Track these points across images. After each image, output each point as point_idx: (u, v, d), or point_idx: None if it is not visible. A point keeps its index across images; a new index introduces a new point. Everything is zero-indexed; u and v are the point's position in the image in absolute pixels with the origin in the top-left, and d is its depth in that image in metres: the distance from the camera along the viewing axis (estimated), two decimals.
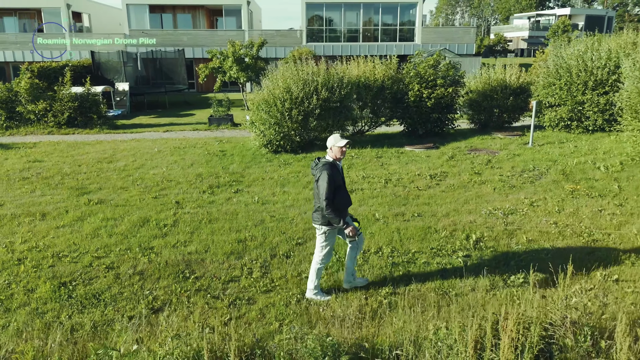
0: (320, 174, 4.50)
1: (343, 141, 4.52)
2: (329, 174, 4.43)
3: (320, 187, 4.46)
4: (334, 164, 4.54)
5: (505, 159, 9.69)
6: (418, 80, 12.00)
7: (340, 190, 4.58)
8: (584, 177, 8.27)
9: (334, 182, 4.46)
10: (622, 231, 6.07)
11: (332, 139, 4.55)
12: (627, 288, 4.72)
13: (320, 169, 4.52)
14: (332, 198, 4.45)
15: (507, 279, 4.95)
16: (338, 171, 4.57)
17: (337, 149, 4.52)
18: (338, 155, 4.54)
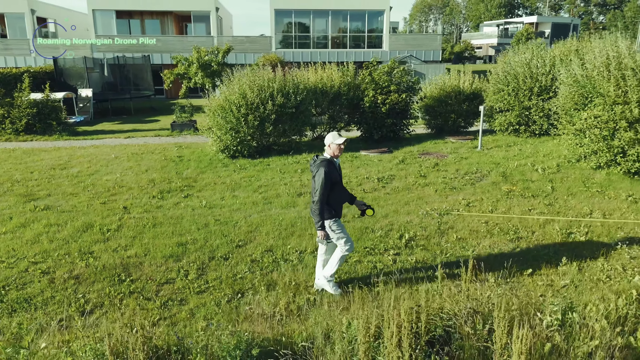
0: (317, 171, 4.65)
1: (341, 139, 4.69)
2: (326, 171, 4.59)
3: (317, 182, 4.62)
4: (331, 161, 4.72)
5: (452, 162, 10.05)
6: (373, 86, 12.32)
7: (337, 186, 4.76)
8: (522, 178, 8.67)
9: (331, 179, 4.63)
10: (545, 229, 6.42)
11: (330, 137, 4.70)
12: (540, 281, 5.03)
13: (318, 166, 4.68)
14: (327, 195, 4.62)
15: (432, 275, 5.21)
16: (335, 168, 4.75)
17: (335, 146, 4.69)
18: (336, 153, 4.72)
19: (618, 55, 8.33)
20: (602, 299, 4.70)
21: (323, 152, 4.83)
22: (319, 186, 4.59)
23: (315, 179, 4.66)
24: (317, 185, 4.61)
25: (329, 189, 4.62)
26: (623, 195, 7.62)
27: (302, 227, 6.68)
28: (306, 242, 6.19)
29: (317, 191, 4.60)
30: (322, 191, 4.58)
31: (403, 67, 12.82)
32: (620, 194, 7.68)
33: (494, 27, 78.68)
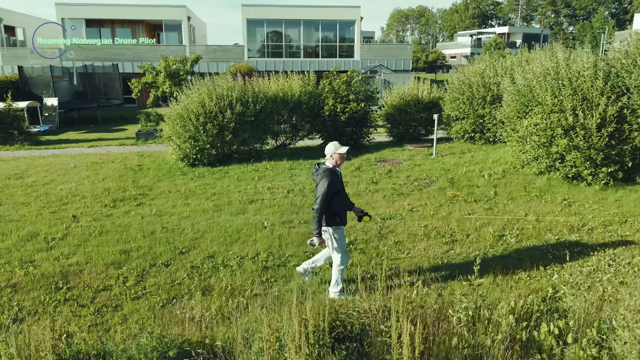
0: (321, 180, 4.75)
1: (344, 148, 4.85)
2: (330, 180, 4.70)
3: (319, 190, 4.72)
4: (333, 170, 4.83)
5: (405, 169, 10.34)
6: (333, 95, 12.58)
7: (340, 194, 4.88)
8: (468, 184, 8.99)
9: (334, 187, 4.75)
10: (480, 232, 6.71)
11: (333, 147, 4.83)
12: (465, 281, 5.28)
13: (321, 175, 4.78)
14: (327, 203, 4.72)
15: (365, 277, 5.41)
16: (337, 177, 4.86)
17: (337, 155, 4.82)
18: (338, 162, 4.86)
19: (556, 65, 8.76)
20: (520, 296, 4.97)
21: (324, 160, 4.98)
22: (321, 194, 4.68)
23: (318, 188, 4.76)
24: (319, 194, 4.71)
25: (329, 198, 4.73)
26: (559, 199, 7.99)
27: (247, 233, 6.82)
28: (249, 247, 6.33)
29: (318, 199, 4.70)
30: (323, 199, 4.68)
31: (361, 76, 13.13)
32: (557, 198, 8.05)
33: (468, 37, 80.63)
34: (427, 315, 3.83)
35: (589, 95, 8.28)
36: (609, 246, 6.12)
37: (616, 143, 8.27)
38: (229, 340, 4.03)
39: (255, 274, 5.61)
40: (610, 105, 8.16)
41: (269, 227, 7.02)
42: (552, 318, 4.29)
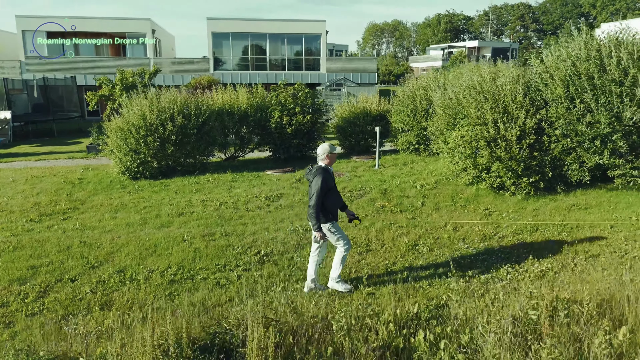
0: (314, 178, 5.07)
1: (336, 148, 5.31)
2: (323, 178, 5.03)
3: (313, 187, 5.02)
4: (326, 168, 5.18)
5: (344, 181, 10.47)
6: (280, 108, 12.69)
7: (333, 191, 5.20)
8: (400, 194, 9.16)
9: (327, 185, 5.07)
10: (396, 241, 6.84)
11: (327, 147, 5.18)
12: (364, 289, 5.37)
13: (314, 173, 5.10)
14: (322, 199, 5.03)
15: (269, 289, 5.45)
16: (330, 175, 5.19)
17: (332, 155, 5.23)
18: (333, 161, 5.26)
19: (480, 80, 9.06)
20: (414, 304, 5.07)
21: (316, 162, 5.33)
22: (315, 191, 4.99)
23: (312, 185, 5.06)
24: (314, 191, 5.01)
25: (324, 194, 5.04)
26: (481, 209, 8.21)
27: (164, 246, 6.80)
28: (162, 261, 6.31)
29: (313, 196, 5.00)
30: (317, 196, 4.98)
31: (308, 89, 13.30)
32: (480, 208, 8.27)
33: (439, 50, 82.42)
34: (294, 324, 3.89)
35: (510, 109, 8.58)
36: (514, 254, 6.31)
37: (537, 154, 8.56)
38: (102, 354, 4.01)
39: (160, 287, 5.60)
40: (529, 117, 8.47)
41: (189, 240, 7.02)
42: (432, 325, 4.40)
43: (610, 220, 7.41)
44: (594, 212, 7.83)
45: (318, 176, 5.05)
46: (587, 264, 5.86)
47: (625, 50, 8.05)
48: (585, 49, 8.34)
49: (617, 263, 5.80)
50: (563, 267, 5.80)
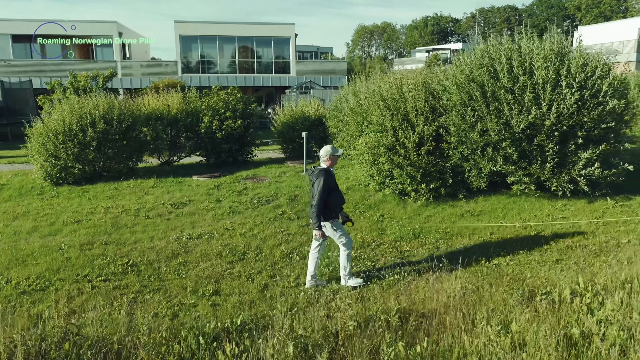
0: (317, 179, 5.33)
1: (339, 150, 5.55)
2: (325, 179, 5.30)
3: (316, 188, 5.27)
4: (328, 170, 5.45)
5: (262, 187, 10.45)
6: (211, 113, 12.66)
7: (335, 192, 5.45)
8: (306, 201, 9.14)
9: (329, 186, 5.32)
10: (273, 250, 6.82)
11: (330, 149, 5.42)
12: (208, 300, 5.35)
13: (317, 175, 5.36)
14: (324, 199, 5.26)
15: (115, 300, 5.42)
16: (332, 176, 5.46)
17: (335, 157, 5.48)
18: (334, 163, 5.53)
19: (379, 87, 9.09)
20: (238, 316, 5.05)
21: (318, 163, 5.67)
22: (318, 192, 5.24)
23: (315, 186, 5.30)
24: (316, 191, 5.25)
25: (326, 195, 5.26)
26: (377, 215, 8.22)
27: (36, 256, 6.74)
28: (27, 271, 6.25)
29: (315, 196, 5.25)
30: (319, 196, 5.23)
31: (240, 94, 13.28)
32: (377, 214, 8.28)
33: (424, 52, 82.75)
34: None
35: (410, 115, 8.61)
36: (380, 261, 6.32)
37: (436, 161, 8.59)
38: None
39: (5, 299, 5.54)
40: (428, 125, 8.50)
41: (64, 249, 6.96)
42: (243, 337, 4.37)
43: (493, 227, 7.45)
44: (484, 219, 7.87)
45: (320, 177, 5.30)
46: (446, 272, 5.88)
47: (518, 57, 8.11)
48: (479, 57, 8.40)
49: (471, 273, 5.82)
50: (418, 276, 5.81)
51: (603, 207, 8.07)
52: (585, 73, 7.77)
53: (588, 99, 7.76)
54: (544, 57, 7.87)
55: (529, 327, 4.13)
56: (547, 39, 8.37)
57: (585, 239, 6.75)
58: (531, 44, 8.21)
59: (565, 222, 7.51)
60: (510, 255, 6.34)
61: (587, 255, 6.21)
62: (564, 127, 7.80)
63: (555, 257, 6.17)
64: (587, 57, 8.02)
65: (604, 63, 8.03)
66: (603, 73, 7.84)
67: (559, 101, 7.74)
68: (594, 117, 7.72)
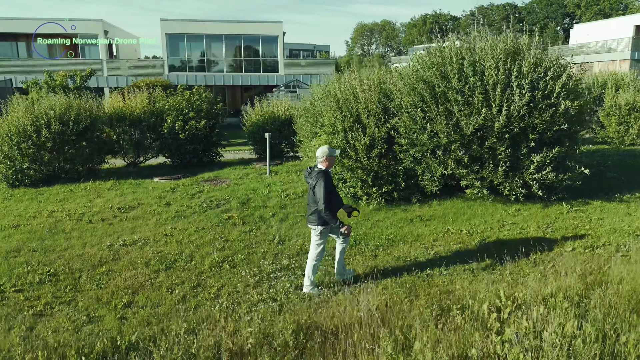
0: (316, 182, 5.14)
1: (336, 151, 5.40)
2: (325, 181, 5.12)
3: (317, 192, 5.11)
4: (326, 171, 5.26)
5: (220, 189, 10.18)
6: (175, 113, 12.40)
7: (333, 193, 5.28)
8: (260, 204, 8.88)
9: (329, 188, 5.12)
10: (205, 258, 6.57)
11: (326, 150, 5.23)
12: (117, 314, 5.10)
13: (315, 177, 5.17)
14: (329, 201, 5.10)
15: None
16: (330, 178, 5.28)
17: (332, 158, 5.31)
18: (332, 164, 5.38)
19: (333, 88, 8.81)
20: (132, 333, 4.79)
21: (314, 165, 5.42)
22: (322, 195, 5.07)
23: (316, 190, 5.14)
24: (320, 195, 5.09)
25: (328, 195, 5.12)
26: None
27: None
28: None
29: (321, 200, 5.08)
30: (325, 198, 5.07)
31: (205, 94, 13.02)
32: None
33: (421, 50, 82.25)
34: None
35: (362, 117, 8.34)
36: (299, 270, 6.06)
37: (389, 163, 8.32)
38: None
39: None
40: (379, 126, 8.23)
41: None
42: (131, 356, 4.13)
43: (438, 234, 7.18)
44: (433, 225, 7.59)
45: (320, 180, 5.12)
46: (373, 282, 5.61)
47: (470, 57, 7.83)
48: (429, 57, 8.13)
49: (400, 284, 5.55)
50: (345, 288, 5.54)
51: (557, 212, 7.79)
52: (537, 73, 7.49)
53: (540, 100, 7.47)
54: (494, 57, 7.58)
55: (428, 346, 3.87)
56: (500, 39, 8.08)
57: (529, 246, 6.47)
58: (483, 44, 7.92)
59: (513, 228, 7.24)
60: (447, 264, 6.07)
61: (525, 264, 5.94)
62: (515, 130, 7.52)
63: (491, 266, 5.90)
64: (541, 56, 7.73)
65: (559, 63, 7.74)
66: (556, 73, 7.55)
67: (510, 102, 7.45)
68: (546, 119, 7.44)
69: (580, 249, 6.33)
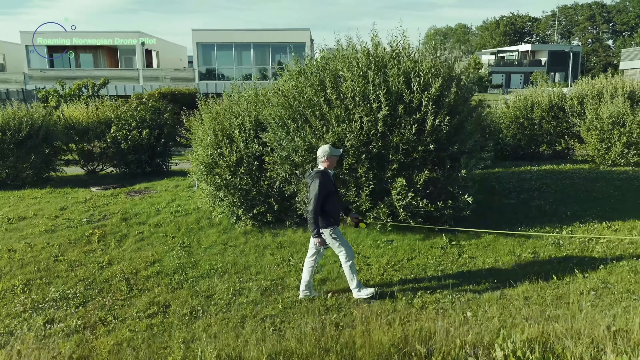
0: (312, 181, 5.00)
1: (339, 150, 5.25)
2: (321, 181, 4.93)
3: (311, 192, 4.95)
4: (325, 172, 5.08)
5: (130, 201, 9.94)
6: (121, 122, 12.46)
7: (333, 196, 5.09)
8: (139, 221, 8.49)
9: (325, 189, 4.96)
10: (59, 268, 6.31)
11: (328, 149, 5.07)
12: None
13: (312, 177, 5.03)
14: (320, 204, 4.93)
15: None
16: (329, 178, 5.08)
17: (333, 158, 5.12)
18: (333, 164, 5.17)
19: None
20: None
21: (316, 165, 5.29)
22: (313, 196, 4.88)
23: (310, 190, 4.98)
24: (312, 195, 4.91)
25: (322, 199, 4.91)
26: (178, 243, 7.39)
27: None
28: None
29: (311, 201, 4.91)
30: (316, 200, 4.87)
31: (153, 102, 12.95)
32: (178, 242, 7.45)
33: (490, 55, 78.34)
34: None
35: (234, 131, 7.69)
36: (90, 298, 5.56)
37: (262, 182, 7.58)
38: None
39: None
40: (249, 141, 7.53)
41: None
42: None
43: (274, 264, 6.32)
44: (290, 252, 6.74)
45: (316, 180, 4.92)
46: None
47: (337, 67, 6.89)
48: (297, 66, 7.29)
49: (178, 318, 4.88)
50: None
51: (428, 246, 6.58)
52: (401, 84, 6.38)
53: (402, 115, 6.36)
54: (351, 65, 6.58)
55: None
56: (377, 43, 7.04)
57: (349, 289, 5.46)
58: (350, 50, 6.94)
59: (359, 263, 6.19)
60: (237, 304, 5.26)
61: (316, 309, 4.98)
62: (373, 150, 6.46)
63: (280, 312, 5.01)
64: (413, 65, 6.59)
65: (440, 72, 6.54)
66: (425, 85, 6.38)
67: (369, 118, 6.42)
68: (409, 137, 6.31)
69: (400, 295, 5.21)
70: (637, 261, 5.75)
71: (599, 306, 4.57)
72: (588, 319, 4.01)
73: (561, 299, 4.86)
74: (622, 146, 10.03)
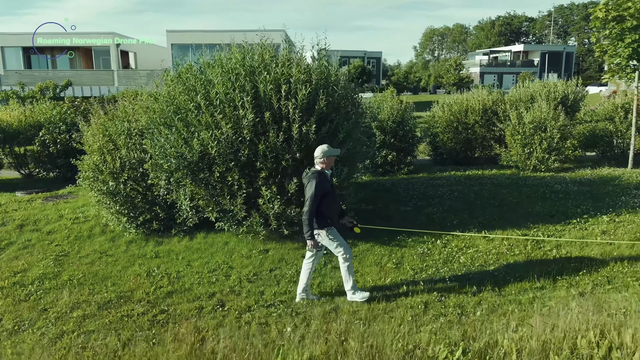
0: (308, 182, 4.89)
1: (337, 150, 5.12)
2: (317, 182, 4.81)
3: (307, 192, 4.83)
4: (322, 172, 4.96)
5: (40, 207, 9.78)
6: (51, 127, 12.29)
7: (329, 197, 4.96)
8: (32, 228, 8.30)
9: (322, 189, 4.83)
10: None
11: (326, 148, 4.94)
12: None
13: (309, 177, 4.90)
14: (316, 205, 4.80)
15: None
16: (327, 179, 4.97)
17: (331, 158, 4.99)
18: (331, 164, 5.05)
19: None
20: None
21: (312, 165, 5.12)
22: (309, 197, 4.77)
23: (307, 190, 4.85)
24: (307, 196, 4.80)
25: (318, 200, 4.79)
26: (59, 251, 7.22)
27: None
28: None
29: (307, 201, 4.78)
30: (311, 201, 4.75)
31: (85, 105, 12.79)
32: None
33: (483, 55, 78.06)
34: None
35: (115, 137, 7.51)
36: None
37: (146, 190, 7.39)
38: None
39: None
40: (130, 147, 7.35)
41: None
42: None
43: (128, 276, 6.14)
44: (166, 262, 6.56)
45: (312, 180, 4.80)
46: None
47: (210, 72, 6.71)
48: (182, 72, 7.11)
49: None
50: None
51: (298, 255, 6.37)
52: (269, 91, 6.19)
53: (269, 122, 6.16)
54: (223, 70, 6.40)
55: None
56: (252, 49, 6.87)
57: (199, 302, 5.27)
58: (226, 58, 6.77)
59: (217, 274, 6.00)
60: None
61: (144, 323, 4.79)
62: (242, 157, 6.27)
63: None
64: (281, 70, 6.40)
65: (303, 79, 6.33)
66: (294, 92, 6.18)
67: (233, 124, 6.23)
68: (277, 145, 6.11)
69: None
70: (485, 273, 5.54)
71: (418, 322, 4.35)
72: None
73: (391, 313, 4.66)
74: (543, 152, 9.81)
